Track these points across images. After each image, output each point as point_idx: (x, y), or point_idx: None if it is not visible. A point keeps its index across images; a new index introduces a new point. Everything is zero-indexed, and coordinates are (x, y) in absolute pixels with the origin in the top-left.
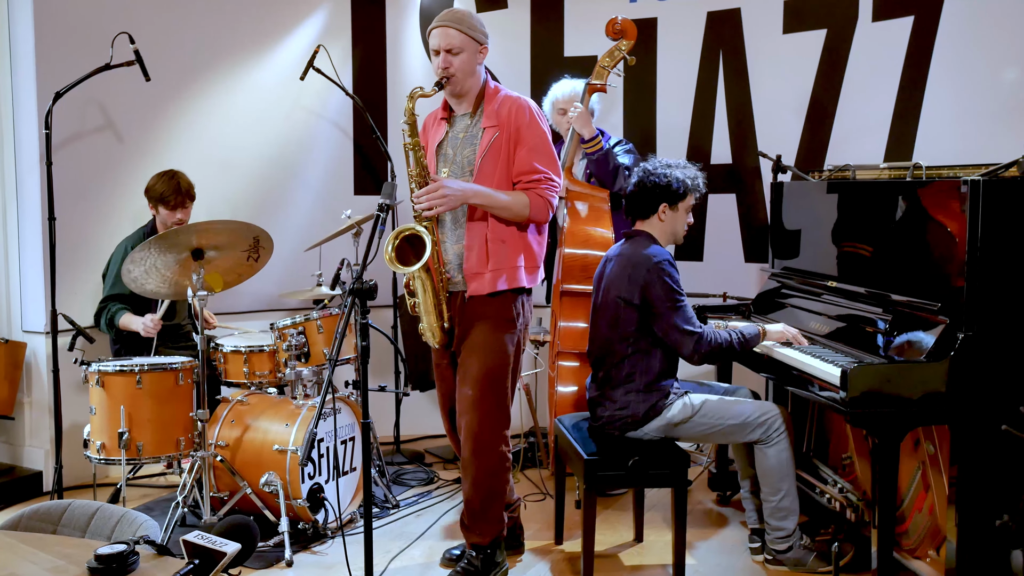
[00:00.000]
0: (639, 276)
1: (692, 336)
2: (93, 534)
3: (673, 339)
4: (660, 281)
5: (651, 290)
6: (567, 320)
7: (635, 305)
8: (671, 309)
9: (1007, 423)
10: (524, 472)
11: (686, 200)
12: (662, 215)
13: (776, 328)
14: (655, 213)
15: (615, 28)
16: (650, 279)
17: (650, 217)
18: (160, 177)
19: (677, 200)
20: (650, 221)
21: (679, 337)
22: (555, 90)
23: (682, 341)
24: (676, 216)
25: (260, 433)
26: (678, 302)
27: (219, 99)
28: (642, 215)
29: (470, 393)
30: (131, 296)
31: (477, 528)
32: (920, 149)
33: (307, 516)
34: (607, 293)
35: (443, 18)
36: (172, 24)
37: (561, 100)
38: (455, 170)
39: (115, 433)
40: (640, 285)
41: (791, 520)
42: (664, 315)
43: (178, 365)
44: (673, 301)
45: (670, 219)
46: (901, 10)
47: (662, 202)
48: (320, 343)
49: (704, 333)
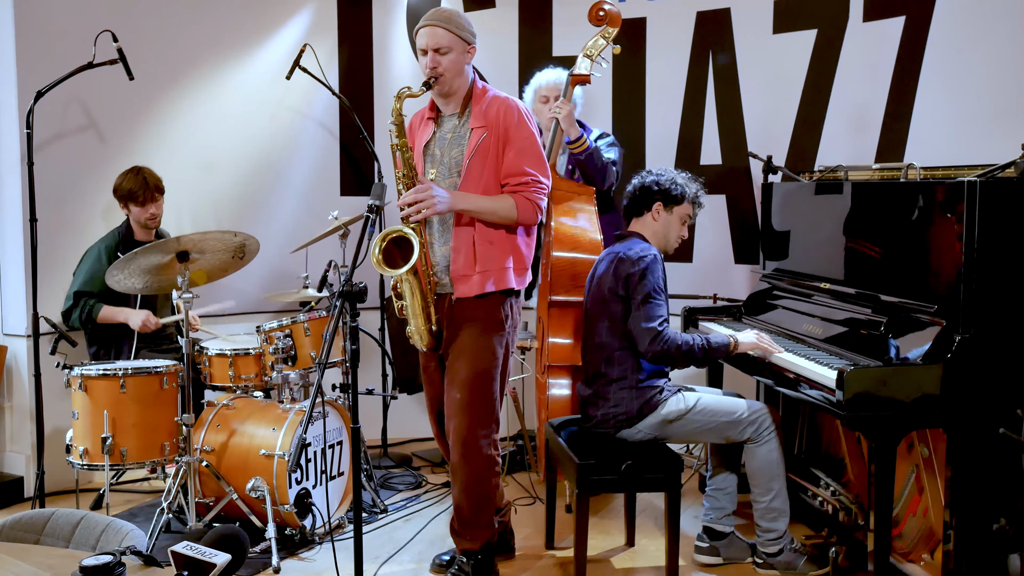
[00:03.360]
0: (624, 268)
1: (651, 332)
2: (78, 544)
3: (636, 333)
4: (642, 275)
5: (632, 282)
6: (556, 335)
7: (621, 296)
8: (642, 303)
9: (1004, 426)
10: (512, 476)
11: (682, 206)
12: (656, 214)
13: (748, 339)
14: (649, 211)
15: (598, 14)
16: (634, 271)
17: (644, 215)
18: (126, 175)
19: (673, 202)
20: (643, 220)
21: (639, 332)
22: (540, 77)
23: (642, 335)
24: (670, 219)
25: (246, 438)
26: (651, 298)
27: (204, 98)
28: (637, 213)
29: (458, 396)
30: (104, 293)
31: (468, 534)
32: (911, 150)
33: (294, 522)
34: (598, 290)
35: (431, 17)
36: (156, 22)
37: (545, 87)
38: (442, 171)
39: (98, 438)
40: (624, 276)
41: (782, 521)
42: (635, 309)
43: (163, 369)
44: (646, 296)
45: (663, 220)
46: (892, 10)
47: (657, 200)
48: (307, 346)
49: (664, 331)
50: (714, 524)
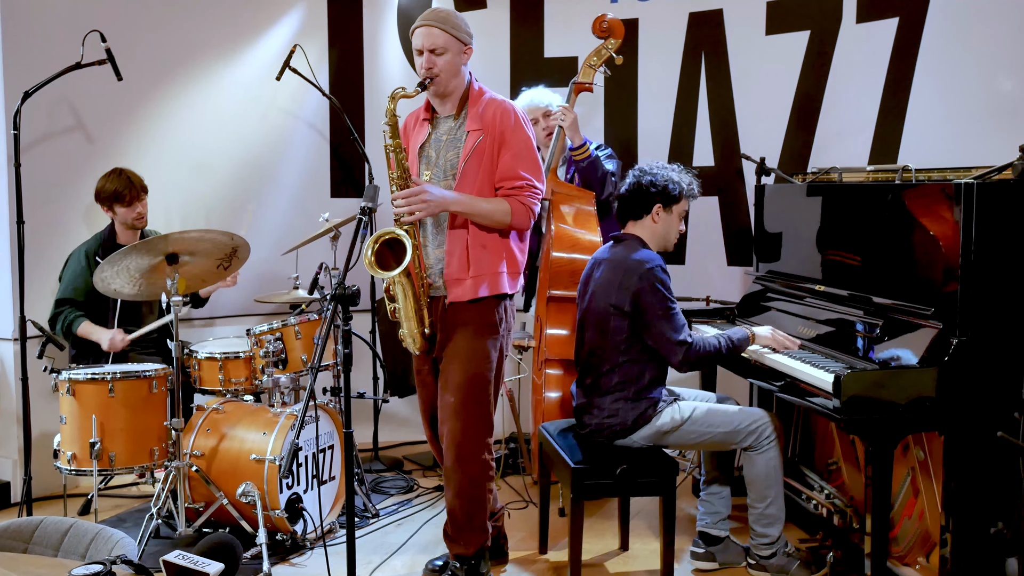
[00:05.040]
0: (631, 283)
1: (683, 346)
2: (66, 552)
3: (665, 349)
4: (652, 288)
5: (643, 297)
6: (554, 327)
7: (627, 313)
8: (663, 318)
9: (1002, 429)
10: (505, 479)
11: (681, 204)
12: (656, 216)
13: (765, 332)
14: (649, 214)
15: (602, 26)
16: (642, 286)
17: (643, 218)
18: (108, 177)
19: (672, 202)
20: (642, 223)
21: (671, 347)
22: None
23: (673, 351)
24: (670, 219)
25: (237, 442)
26: (670, 310)
27: (193, 99)
28: (635, 215)
29: (452, 400)
30: (86, 301)
31: (461, 539)
32: (905, 151)
33: (285, 527)
34: (595, 299)
35: (427, 17)
36: (145, 22)
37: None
38: (437, 173)
39: (87, 443)
40: (632, 292)
41: (776, 527)
42: (655, 323)
43: (152, 372)
44: (665, 309)
45: (664, 222)
46: (885, 11)
47: (657, 203)
48: (298, 349)
49: (695, 342)
50: (709, 529)
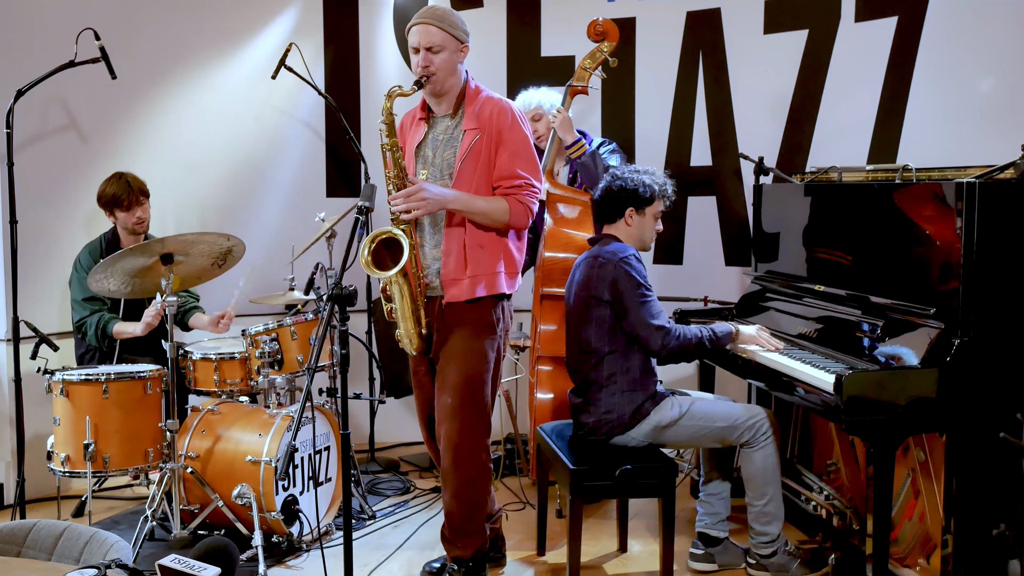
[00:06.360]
0: (606, 272)
1: (660, 331)
2: (60, 556)
3: (642, 334)
4: (625, 274)
5: (618, 284)
6: (547, 323)
7: (606, 301)
8: (638, 303)
9: (1004, 430)
10: (503, 480)
11: (653, 205)
12: (629, 219)
13: (750, 330)
14: (622, 217)
15: (597, 30)
16: (616, 274)
17: (617, 221)
18: (109, 181)
19: (644, 204)
20: (617, 225)
21: (647, 332)
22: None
23: (650, 336)
24: (644, 221)
25: (232, 443)
26: (644, 296)
27: (187, 98)
28: (609, 219)
29: (449, 401)
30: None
31: (459, 541)
32: (904, 151)
33: (281, 529)
34: (578, 296)
35: (423, 15)
36: (139, 20)
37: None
38: (434, 172)
39: (80, 445)
40: (608, 281)
41: (775, 525)
42: (631, 309)
43: (146, 373)
44: (639, 295)
45: (637, 224)
46: (884, 11)
47: (629, 206)
48: (294, 350)
49: (672, 328)
50: (708, 530)
